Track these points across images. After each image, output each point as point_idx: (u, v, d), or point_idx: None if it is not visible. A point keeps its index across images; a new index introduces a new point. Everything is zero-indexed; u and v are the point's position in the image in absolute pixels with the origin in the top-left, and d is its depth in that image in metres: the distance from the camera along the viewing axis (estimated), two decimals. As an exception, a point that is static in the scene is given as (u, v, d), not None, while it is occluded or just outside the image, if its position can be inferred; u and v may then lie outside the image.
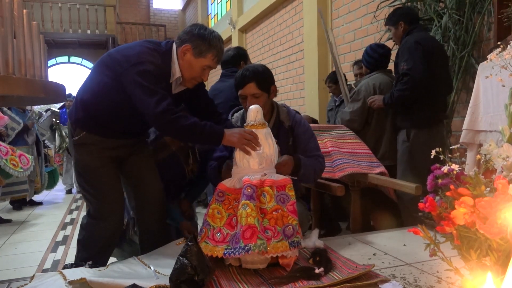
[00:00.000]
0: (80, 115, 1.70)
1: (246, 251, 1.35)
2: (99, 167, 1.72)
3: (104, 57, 1.70)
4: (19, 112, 4.80)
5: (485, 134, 1.89)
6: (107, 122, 1.70)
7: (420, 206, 1.09)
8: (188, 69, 1.67)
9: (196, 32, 1.64)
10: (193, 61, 1.65)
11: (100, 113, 1.68)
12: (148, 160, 1.88)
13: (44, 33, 7.08)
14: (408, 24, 2.59)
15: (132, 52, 1.61)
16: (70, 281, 1.34)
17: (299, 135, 1.87)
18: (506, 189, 0.89)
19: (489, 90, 1.86)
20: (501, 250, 0.93)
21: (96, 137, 1.71)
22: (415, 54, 2.38)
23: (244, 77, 1.75)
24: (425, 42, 2.42)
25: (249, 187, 1.45)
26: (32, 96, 0.95)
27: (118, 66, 1.59)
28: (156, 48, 1.66)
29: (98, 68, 1.70)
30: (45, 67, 1.06)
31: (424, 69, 2.36)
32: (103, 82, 1.64)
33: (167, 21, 13.42)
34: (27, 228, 4.21)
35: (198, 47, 1.63)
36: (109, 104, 1.65)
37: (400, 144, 2.59)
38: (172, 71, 1.67)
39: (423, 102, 2.43)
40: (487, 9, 2.70)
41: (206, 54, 1.65)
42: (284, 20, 6.12)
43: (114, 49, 1.74)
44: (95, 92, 1.67)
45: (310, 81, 5.21)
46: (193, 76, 1.70)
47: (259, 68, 1.79)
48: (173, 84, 1.71)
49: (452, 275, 1.28)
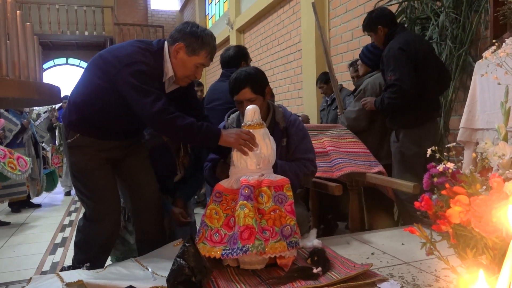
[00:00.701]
0: (73, 118, 1.70)
1: (244, 252, 1.34)
2: (94, 169, 1.72)
3: (95, 58, 1.69)
4: (17, 114, 4.79)
5: (482, 133, 1.88)
6: (101, 123, 1.69)
7: (416, 205, 1.09)
8: (181, 67, 1.66)
9: (189, 30, 1.64)
10: (186, 59, 1.65)
11: (94, 115, 1.67)
12: (143, 161, 1.87)
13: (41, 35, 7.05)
14: (387, 26, 2.53)
15: (124, 52, 1.60)
16: (68, 283, 1.34)
17: (292, 135, 1.86)
18: (501, 187, 0.88)
19: (486, 88, 1.86)
20: (497, 248, 0.92)
21: (90, 139, 1.70)
22: (401, 63, 2.35)
23: (238, 82, 1.74)
24: (409, 46, 2.37)
25: (246, 187, 1.45)
26: (26, 97, 0.94)
27: (110, 68, 1.58)
28: (147, 47, 1.65)
29: (90, 70, 1.69)
30: (39, 69, 1.05)
31: (411, 77, 2.35)
32: (96, 83, 1.63)
33: (165, 22, 13.41)
34: (26, 231, 4.20)
35: (191, 45, 1.63)
36: (103, 105, 1.65)
37: (392, 144, 2.59)
38: (164, 70, 1.66)
39: (411, 103, 2.42)
40: (484, 7, 2.70)
41: (199, 52, 1.64)
42: (282, 20, 6.12)
43: (105, 50, 1.73)
44: (87, 94, 1.66)
45: (308, 81, 5.21)
46: (186, 74, 1.69)
47: (252, 72, 1.77)
48: (166, 83, 1.70)
49: (450, 274, 1.27)
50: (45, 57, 11.50)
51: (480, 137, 1.89)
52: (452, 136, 3.01)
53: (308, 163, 1.85)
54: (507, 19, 1.99)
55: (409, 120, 2.45)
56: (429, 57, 2.48)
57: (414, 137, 2.45)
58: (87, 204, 1.77)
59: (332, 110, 3.68)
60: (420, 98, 2.42)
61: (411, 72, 2.35)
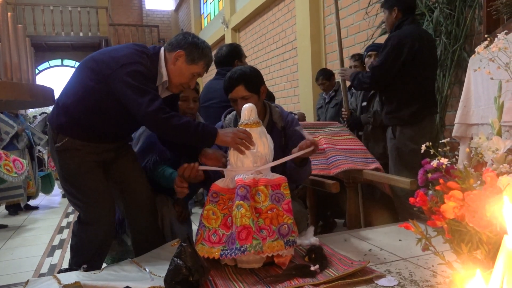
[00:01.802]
0: (62, 121, 1.67)
1: (242, 252, 1.35)
2: (86, 172, 1.70)
3: (87, 61, 1.68)
4: (12, 116, 4.77)
5: (477, 128, 1.89)
6: (91, 126, 1.68)
7: (411, 201, 1.09)
8: (178, 74, 1.68)
9: (190, 40, 1.68)
10: (185, 67, 1.67)
11: (85, 117, 1.65)
12: (133, 162, 1.86)
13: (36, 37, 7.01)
14: (402, 12, 2.53)
15: (120, 53, 1.60)
16: (65, 285, 1.34)
17: (291, 133, 1.86)
18: (495, 182, 0.89)
19: (480, 83, 1.86)
20: (491, 243, 0.93)
21: (80, 142, 1.68)
22: (390, 54, 2.41)
23: (232, 80, 1.75)
24: (411, 42, 2.39)
25: (242, 187, 1.44)
26: (18, 99, 0.94)
27: (105, 68, 1.57)
28: (144, 50, 1.66)
29: (81, 72, 1.68)
30: (32, 71, 1.05)
31: (390, 71, 2.43)
32: (88, 86, 1.62)
33: (160, 21, 13.38)
34: (23, 233, 4.19)
35: (192, 54, 1.66)
36: (95, 108, 1.63)
37: (388, 141, 2.60)
38: (158, 75, 1.67)
39: (408, 100, 2.45)
40: (477, 2, 2.71)
41: (198, 62, 1.68)
42: (277, 18, 6.12)
43: (98, 52, 1.71)
44: (79, 96, 1.64)
45: (304, 79, 5.22)
46: (181, 82, 1.71)
47: (246, 71, 1.78)
48: (159, 89, 1.71)
49: (447, 269, 1.28)
50: (40, 59, 11.45)
51: (475, 132, 1.89)
52: (448, 131, 3.02)
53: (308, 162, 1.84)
54: (500, 14, 2.00)
55: (407, 116, 2.47)
56: (429, 55, 2.49)
57: (411, 133, 2.46)
58: (80, 207, 1.75)
59: (330, 108, 3.67)
60: (417, 95, 2.43)
61: (393, 67, 2.42)
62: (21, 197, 4.59)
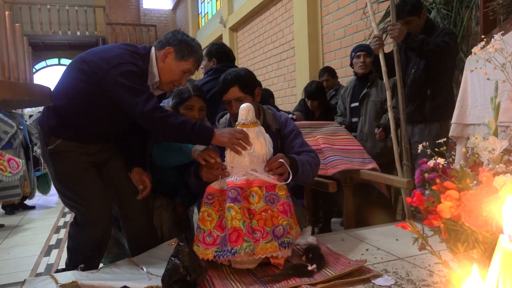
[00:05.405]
0: (53, 123, 1.66)
1: (233, 254, 1.35)
2: (80, 173, 1.69)
3: (77, 62, 1.66)
4: (7, 114, 4.74)
5: (473, 128, 1.89)
6: (84, 127, 1.67)
7: (408, 200, 1.10)
8: (167, 72, 1.69)
9: (179, 37, 1.69)
10: (174, 64, 1.68)
11: (77, 119, 1.64)
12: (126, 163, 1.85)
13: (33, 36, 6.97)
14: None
15: (111, 54, 1.59)
16: (62, 284, 1.34)
17: (286, 134, 1.86)
18: (491, 181, 0.89)
19: (477, 84, 1.87)
20: (487, 242, 0.93)
21: (73, 144, 1.67)
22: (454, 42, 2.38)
23: (226, 81, 1.75)
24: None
25: (233, 189, 1.44)
26: (16, 99, 0.94)
27: (97, 69, 1.56)
28: (135, 50, 1.66)
29: (70, 73, 1.66)
30: (29, 70, 1.04)
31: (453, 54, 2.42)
32: (79, 87, 1.60)
33: (157, 21, 13.35)
34: (20, 233, 4.17)
35: (181, 50, 1.67)
36: (86, 109, 1.62)
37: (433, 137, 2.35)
38: (149, 75, 1.68)
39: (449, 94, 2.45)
40: (474, 3, 2.72)
41: (188, 58, 1.68)
42: (275, 18, 6.12)
43: (87, 52, 1.68)
44: (70, 98, 1.62)
45: (302, 78, 5.22)
46: (171, 79, 1.71)
47: (241, 72, 1.79)
48: (151, 88, 1.71)
49: (444, 268, 1.29)
50: (37, 58, 11.40)
51: (471, 132, 1.90)
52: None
53: (312, 154, 1.81)
54: (497, 15, 2.01)
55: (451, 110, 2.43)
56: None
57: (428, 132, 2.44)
58: (76, 209, 1.75)
59: None
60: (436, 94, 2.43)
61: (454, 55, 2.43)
62: (18, 197, 4.57)
